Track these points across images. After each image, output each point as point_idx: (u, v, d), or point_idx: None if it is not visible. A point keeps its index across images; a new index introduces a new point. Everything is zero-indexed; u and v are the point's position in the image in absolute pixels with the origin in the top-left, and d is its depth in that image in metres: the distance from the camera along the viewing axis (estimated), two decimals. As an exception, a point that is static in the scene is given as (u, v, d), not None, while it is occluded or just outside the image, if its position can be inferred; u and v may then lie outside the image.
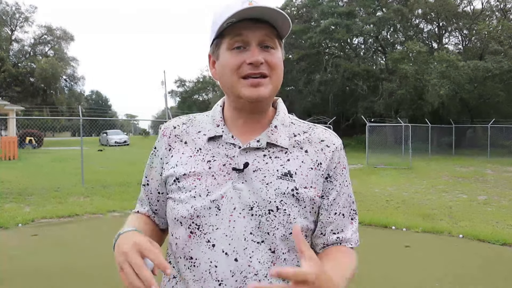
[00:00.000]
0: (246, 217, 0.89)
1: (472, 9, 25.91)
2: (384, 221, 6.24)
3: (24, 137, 24.30)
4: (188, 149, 0.97)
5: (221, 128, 0.96)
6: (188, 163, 0.95)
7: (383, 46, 27.12)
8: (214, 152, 0.94)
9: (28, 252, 4.77)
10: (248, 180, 0.90)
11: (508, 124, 21.53)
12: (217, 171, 0.92)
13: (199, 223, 0.90)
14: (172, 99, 53.64)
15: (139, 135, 59.04)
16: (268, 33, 0.90)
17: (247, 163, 0.91)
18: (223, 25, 0.88)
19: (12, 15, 38.13)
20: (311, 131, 0.99)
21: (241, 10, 0.85)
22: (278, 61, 0.92)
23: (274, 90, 0.93)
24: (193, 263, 0.91)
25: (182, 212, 0.92)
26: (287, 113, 1.01)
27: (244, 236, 0.89)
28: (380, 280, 3.93)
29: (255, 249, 0.89)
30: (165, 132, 1.03)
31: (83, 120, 10.54)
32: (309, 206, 0.93)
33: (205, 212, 0.90)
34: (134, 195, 8.60)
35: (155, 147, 1.05)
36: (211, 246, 0.89)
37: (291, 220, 0.90)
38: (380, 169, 14.20)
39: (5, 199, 8.09)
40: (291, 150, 0.95)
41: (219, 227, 0.89)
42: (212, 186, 0.91)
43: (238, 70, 0.90)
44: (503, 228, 6.03)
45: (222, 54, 0.93)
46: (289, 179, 0.91)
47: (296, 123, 1.00)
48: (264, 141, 0.93)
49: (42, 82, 37.54)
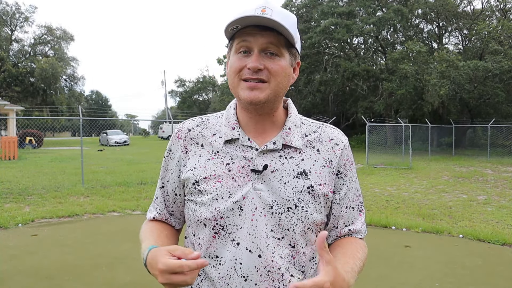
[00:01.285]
0: (267, 215, 0.95)
1: (472, 9, 25.91)
2: (384, 221, 6.24)
3: (24, 137, 24.31)
4: (205, 152, 1.01)
5: (237, 131, 1.00)
6: (207, 166, 0.99)
7: (383, 46, 27.10)
8: (232, 154, 0.99)
9: (28, 252, 4.77)
10: (267, 181, 0.96)
11: (508, 124, 21.55)
12: (236, 173, 0.97)
13: (223, 224, 0.96)
14: (172, 99, 53.72)
15: (139, 135, 59.05)
16: (273, 41, 0.93)
17: (266, 165, 0.96)
18: (229, 30, 0.94)
19: (12, 15, 38.12)
20: (320, 130, 1.05)
21: (242, 17, 0.90)
22: (279, 69, 0.94)
23: (273, 95, 0.95)
24: (219, 261, 0.96)
25: (205, 215, 0.97)
26: (297, 114, 1.07)
27: (266, 233, 0.94)
28: (380, 280, 3.93)
29: (276, 245, 0.94)
30: (180, 135, 1.05)
31: (83, 120, 10.53)
32: (323, 201, 0.99)
33: (229, 213, 0.95)
34: (134, 195, 8.61)
35: (170, 150, 1.07)
36: (236, 244, 0.95)
37: (308, 216, 0.96)
38: (380, 169, 14.20)
39: (5, 199, 8.09)
40: (304, 150, 1.01)
41: (242, 226, 0.95)
42: (233, 188, 0.96)
43: (240, 73, 0.95)
44: (503, 228, 6.03)
45: (231, 57, 0.98)
46: (304, 178, 0.97)
47: (306, 123, 1.07)
48: (279, 143, 0.98)
49: (42, 82, 37.53)
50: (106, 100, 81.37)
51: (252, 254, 0.93)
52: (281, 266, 0.94)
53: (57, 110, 41.00)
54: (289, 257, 0.95)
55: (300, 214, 0.95)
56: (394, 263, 4.45)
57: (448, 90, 19.68)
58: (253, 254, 0.93)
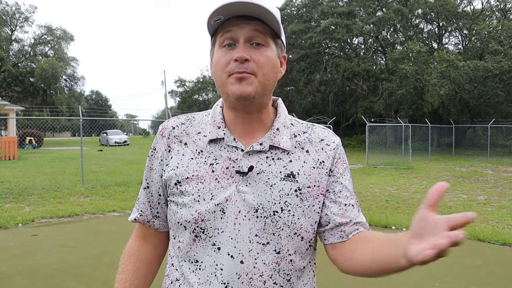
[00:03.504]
0: (251, 219, 0.89)
1: (472, 9, 25.94)
2: (384, 221, 6.24)
3: (24, 137, 24.32)
4: (188, 150, 0.96)
5: (222, 130, 0.95)
6: (189, 166, 0.94)
7: (383, 46, 27.11)
8: (216, 154, 0.93)
9: (28, 252, 4.76)
10: (252, 183, 0.90)
11: (508, 124, 21.56)
12: (220, 174, 0.91)
13: (203, 227, 0.90)
14: (172, 99, 53.72)
15: (139, 135, 59.06)
16: (259, 29, 0.89)
17: (251, 166, 0.91)
18: (211, 23, 0.89)
19: (12, 15, 38.14)
20: (310, 131, 1.00)
21: (225, 5, 0.85)
22: (265, 59, 0.90)
23: (262, 88, 0.90)
24: (199, 266, 0.91)
25: (186, 217, 0.91)
26: (287, 114, 1.02)
27: (250, 238, 0.89)
28: (380, 280, 3.93)
29: (260, 251, 0.89)
30: (164, 132, 1.00)
31: (83, 120, 10.52)
32: (311, 205, 0.93)
33: (210, 215, 0.90)
34: (134, 195, 8.61)
35: (154, 148, 1.02)
36: (217, 249, 0.89)
37: (295, 220, 0.91)
38: (380, 169, 14.19)
39: (5, 199, 8.09)
40: (293, 151, 0.95)
41: (224, 230, 0.89)
42: (216, 189, 0.90)
43: (227, 68, 0.89)
44: (503, 228, 6.03)
45: (216, 52, 0.93)
46: (292, 180, 0.92)
47: (296, 123, 1.01)
48: (266, 144, 0.93)
49: (42, 82, 37.55)
50: (106, 100, 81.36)
51: (233, 259, 0.88)
52: (264, 273, 0.89)
53: (57, 110, 41.04)
54: (274, 263, 0.89)
55: (286, 218, 0.90)
56: (394, 263, 4.44)
57: (448, 90, 19.69)
58: (234, 260, 0.88)
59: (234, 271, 0.88)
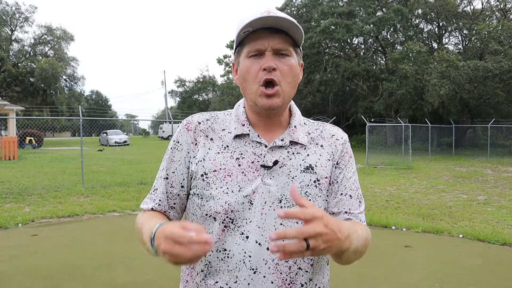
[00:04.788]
0: (276, 209, 0.97)
1: (472, 9, 25.90)
2: (384, 221, 6.24)
3: (24, 137, 24.30)
4: (214, 145, 1.03)
5: (247, 127, 1.03)
6: (216, 159, 1.01)
7: (383, 46, 27.10)
8: (242, 150, 1.02)
9: (28, 252, 4.77)
10: (276, 176, 0.99)
11: (508, 124, 21.55)
12: (246, 168, 1.00)
13: (233, 217, 0.97)
14: (172, 99, 53.76)
15: (139, 135, 59.03)
16: (282, 41, 0.98)
17: (276, 161, 1.00)
18: (241, 34, 0.98)
19: (12, 15, 38.17)
20: (322, 128, 1.11)
21: (255, 19, 0.94)
22: (289, 69, 0.99)
23: (287, 97, 1.01)
24: (227, 254, 0.98)
25: (216, 208, 0.98)
26: (300, 114, 1.12)
27: (275, 227, 0.97)
28: (380, 280, 3.93)
29: None
30: (190, 126, 1.06)
31: (83, 120, 10.52)
32: (327, 193, 1.05)
33: (239, 206, 0.97)
34: (134, 195, 8.61)
35: (178, 141, 1.06)
36: (245, 238, 0.97)
37: None
38: (380, 169, 14.20)
39: (5, 199, 8.10)
40: (309, 146, 1.06)
41: (252, 220, 0.97)
42: (243, 182, 0.98)
43: (257, 77, 0.98)
44: (503, 228, 6.03)
45: (242, 61, 1.02)
46: (311, 172, 1.02)
47: (308, 122, 1.12)
48: (287, 140, 1.03)
49: (42, 82, 37.57)
50: (106, 100, 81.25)
51: (261, 247, 0.96)
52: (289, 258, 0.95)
53: (57, 110, 41.06)
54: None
55: None
56: (394, 263, 4.45)
57: (448, 90, 19.69)
58: (262, 247, 0.96)
59: (261, 258, 0.96)
